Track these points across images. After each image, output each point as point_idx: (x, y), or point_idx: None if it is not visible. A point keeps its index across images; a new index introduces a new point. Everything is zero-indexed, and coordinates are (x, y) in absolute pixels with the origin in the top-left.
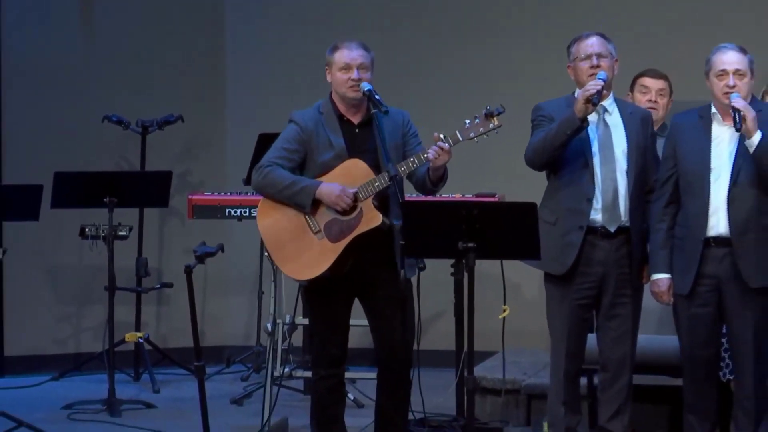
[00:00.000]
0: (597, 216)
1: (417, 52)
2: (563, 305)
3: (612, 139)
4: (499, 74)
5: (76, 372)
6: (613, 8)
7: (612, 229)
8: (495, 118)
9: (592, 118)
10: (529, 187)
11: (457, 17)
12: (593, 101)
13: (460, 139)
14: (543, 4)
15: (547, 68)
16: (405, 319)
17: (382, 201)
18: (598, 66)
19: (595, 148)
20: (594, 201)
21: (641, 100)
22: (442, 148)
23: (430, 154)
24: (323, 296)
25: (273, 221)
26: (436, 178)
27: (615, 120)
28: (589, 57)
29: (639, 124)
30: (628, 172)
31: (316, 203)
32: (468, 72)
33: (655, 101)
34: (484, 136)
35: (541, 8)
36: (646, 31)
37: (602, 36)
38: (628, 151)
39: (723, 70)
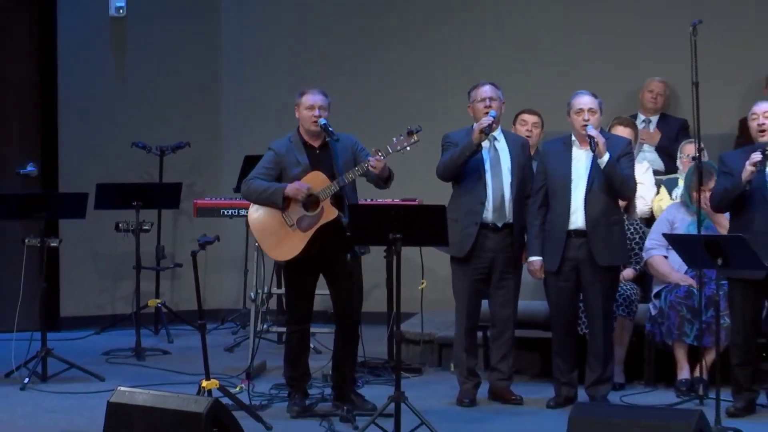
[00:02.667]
0: (488, 215)
1: (365, 92)
2: (464, 279)
3: (500, 160)
4: (421, 110)
5: (112, 328)
6: (503, 63)
7: (499, 225)
8: (415, 135)
9: (486, 144)
10: (441, 192)
11: (394, 70)
12: (486, 132)
13: (390, 151)
14: (452, 61)
15: (454, 107)
16: (354, 288)
17: (338, 201)
18: (489, 107)
19: (487, 166)
20: (486, 204)
21: (521, 130)
22: (377, 160)
23: (371, 163)
24: (297, 271)
25: (260, 220)
26: (384, 178)
27: (502, 146)
28: (483, 100)
29: (520, 149)
30: (512, 184)
31: (288, 203)
32: (399, 107)
33: (531, 131)
34: (407, 148)
35: (450, 64)
36: (525, 80)
37: (493, 84)
38: (511, 168)
39: (580, 109)
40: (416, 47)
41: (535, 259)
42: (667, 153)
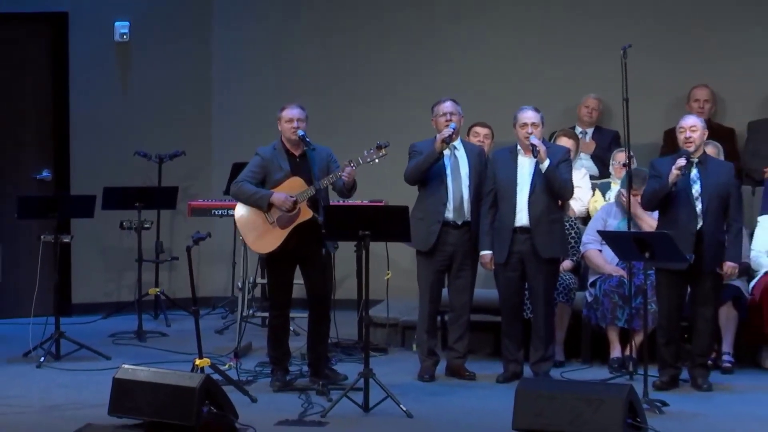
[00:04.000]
0: (449, 214)
1: (340, 107)
2: (428, 270)
3: (459, 166)
4: (389, 122)
5: (118, 313)
6: (459, 82)
7: (459, 223)
8: (383, 149)
9: (447, 152)
10: (405, 195)
11: (365, 87)
12: (447, 142)
13: (361, 162)
14: (417, 80)
15: (419, 121)
16: (326, 279)
17: (313, 203)
18: (450, 120)
19: (448, 171)
20: (447, 205)
21: (473, 141)
22: (351, 170)
23: (345, 174)
24: (275, 263)
25: (245, 217)
26: (349, 187)
27: (461, 154)
28: (444, 114)
29: (476, 157)
30: (469, 187)
31: (270, 205)
32: (370, 120)
33: (482, 141)
34: (376, 160)
35: (415, 83)
36: (478, 96)
37: (453, 100)
38: (469, 173)
39: (525, 123)
40: (386, 68)
41: (486, 252)
42: (601, 161)
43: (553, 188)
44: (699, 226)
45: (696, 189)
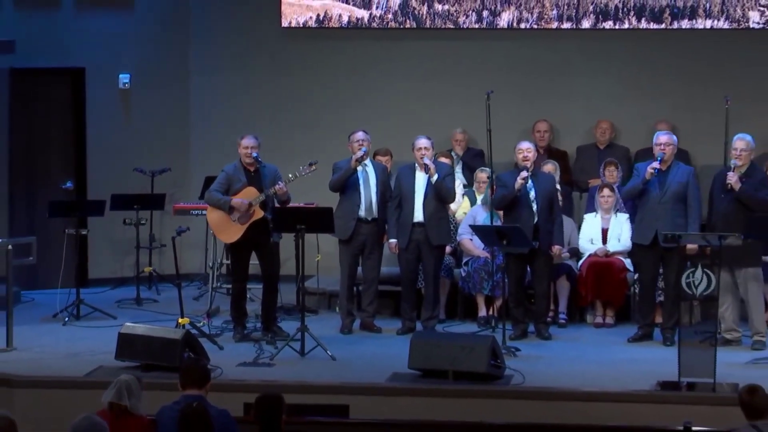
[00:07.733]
0: (362, 213)
1: (282, 135)
2: (346, 254)
3: (369, 178)
4: (317, 147)
5: (122, 285)
6: (369, 116)
7: (369, 219)
8: (314, 166)
9: (360, 168)
10: (329, 199)
11: (302, 121)
12: (360, 161)
13: (298, 175)
14: (338, 115)
15: (341, 148)
16: (274, 260)
17: (264, 205)
18: (362, 145)
19: (361, 182)
20: (360, 206)
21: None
22: (280, 188)
23: (276, 188)
24: (237, 249)
25: (214, 217)
26: (283, 200)
27: (371, 169)
28: (358, 141)
29: (382, 171)
30: (376, 193)
31: (232, 208)
32: (304, 144)
33: (386, 166)
34: (309, 173)
35: (338, 116)
36: (384, 127)
37: (364, 131)
38: (376, 183)
39: (420, 147)
40: (319, 106)
41: (393, 240)
42: (471, 171)
43: (440, 195)
44: (535, 221)
45: (532, 194)
